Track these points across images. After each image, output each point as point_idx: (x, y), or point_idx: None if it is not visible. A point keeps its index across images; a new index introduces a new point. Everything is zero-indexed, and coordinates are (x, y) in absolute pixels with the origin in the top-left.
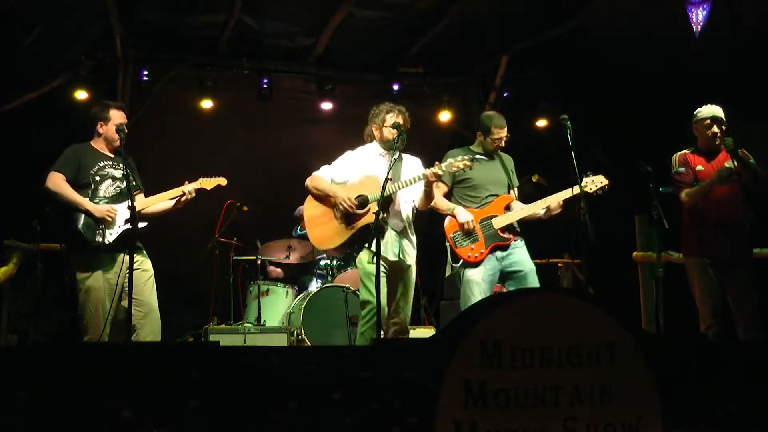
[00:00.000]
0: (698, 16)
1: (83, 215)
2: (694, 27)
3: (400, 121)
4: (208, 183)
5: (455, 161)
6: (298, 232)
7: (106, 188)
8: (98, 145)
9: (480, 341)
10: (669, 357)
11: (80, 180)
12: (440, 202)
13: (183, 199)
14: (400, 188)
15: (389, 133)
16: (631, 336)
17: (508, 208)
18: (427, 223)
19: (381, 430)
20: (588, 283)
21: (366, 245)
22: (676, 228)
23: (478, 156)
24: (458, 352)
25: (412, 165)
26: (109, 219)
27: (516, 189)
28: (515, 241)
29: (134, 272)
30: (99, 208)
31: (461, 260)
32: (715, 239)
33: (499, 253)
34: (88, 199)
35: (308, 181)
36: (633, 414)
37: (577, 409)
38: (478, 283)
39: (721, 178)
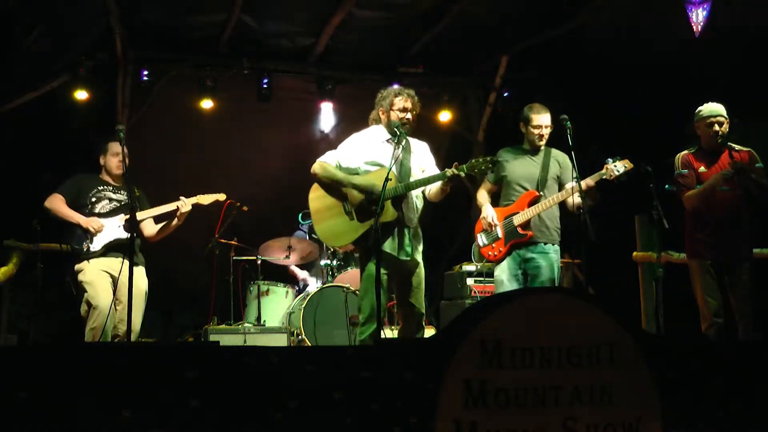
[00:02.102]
0: (698, 16)
1: (77, 228)
2: (694, 27)
3: (409, 105)
4: (207, 199)
5: (477, 163)
6: (300, 221)
7: (102, 206)
8: (104, 176)
9: (480, 341)
10: (669, 357)
11: (79, 202)
12: (478, 197)
13: (179, 214)
14: (417, 186)
15: (396, 117)
16: (631, 336)
17: (532, 204)
18: (426, 222)
19: (381, 430)
20: (588, 283)
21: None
22: (676, 228)
23: (501, 159)
24: (458, 352)
25: (420, 152)
26: (92, 229)
27: (565, 186)
28: (545, 244)
29: (123, 284)
30: (85, 219)
31: (485, 259)
32: (717, 240)
33: (524, 253)
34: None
35: (317, 169)
36: (633, 414)
37: (577, 409)
38: (503, 283)
39: (726, 178)
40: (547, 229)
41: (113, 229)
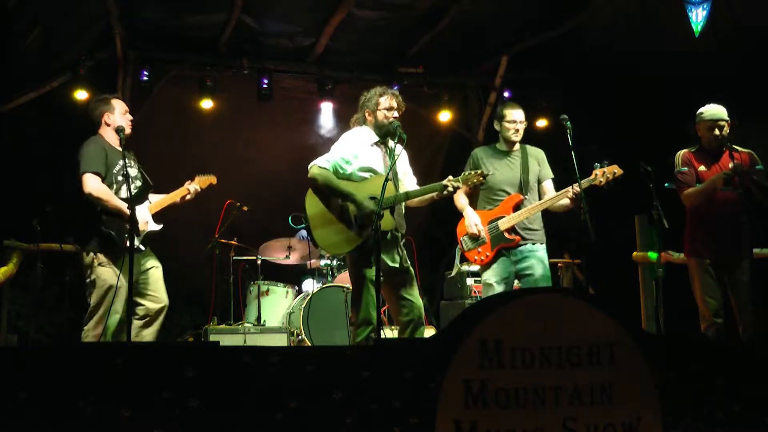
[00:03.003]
0: (698, 16)
1: (110, 217)
2: (694, 27)
3: (395, 104)
4: (202, 181)
5: (470, 176)
6: (292, 224)
7: (127, 189)
8: (109, 138)
9: (480, 341)
10: (669, 357)
11: (104, 179)
12: (457, 200)
13: (188, 197)
14: (415, 196)
15: (383, 117)
16: (631, 336)
17: (516, 208)
18: (426, 223)
19: (381, 430)
20: (588, 283)
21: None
22: (676, 228)
23: (476, 159)
24: (458, 352)
25: (402, 157)
26: (143, 229)
27: (545, 183)
28: (533, 244)
29: (150, 270)
30: (139, 218)
31: (470, 262)
32: (717, 239)
33: (513, 255)
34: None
35: (316, 175)
36: (633, 414)
37: (577, 409)
38: (491, 286)
39: (726, 179)
40: (534, 230)
41: (144, 219)
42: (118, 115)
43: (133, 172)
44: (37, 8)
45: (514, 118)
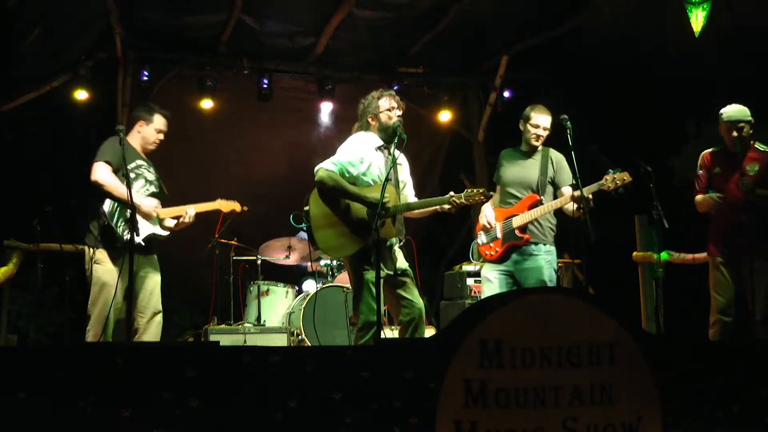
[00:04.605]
0: (698, 16)
1: (118, 212)
2: (694, 27)
3: (395, 104)
4: (224, 205)
5: (473, 194)
6: (292, 223)
7: (139, 188)
8: (133, 141)
9: (480, 341)
10: (669, 357)
11: (118, 174)
12: None
13: (184, 220)
14: (417, 208)
15: (387, 118)
16: (631, 336)
17: (532, 208)
18: (426, 223)
19: (381, 430)
20: (588, 283)
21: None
22: (676, 228)
23: (501, 160)
24: (458, 352)
25: (404, 164)
26: (154, 215)
27: (563, 189)
28: (535, 245)
29: (145, 278)
30: (146, 204)
31: (482, 257)
32: (727, 239)
33: (516, 256)
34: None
35: (325, 177)
36: (633, 414)
37: (577, 409)
38: (489, 281)
39: (718, 207)
40: (539, 227)
41: (151, 222)
42: (150, 129)
43: (150, 176)
44: (37, 8)
45: (538, 122)
